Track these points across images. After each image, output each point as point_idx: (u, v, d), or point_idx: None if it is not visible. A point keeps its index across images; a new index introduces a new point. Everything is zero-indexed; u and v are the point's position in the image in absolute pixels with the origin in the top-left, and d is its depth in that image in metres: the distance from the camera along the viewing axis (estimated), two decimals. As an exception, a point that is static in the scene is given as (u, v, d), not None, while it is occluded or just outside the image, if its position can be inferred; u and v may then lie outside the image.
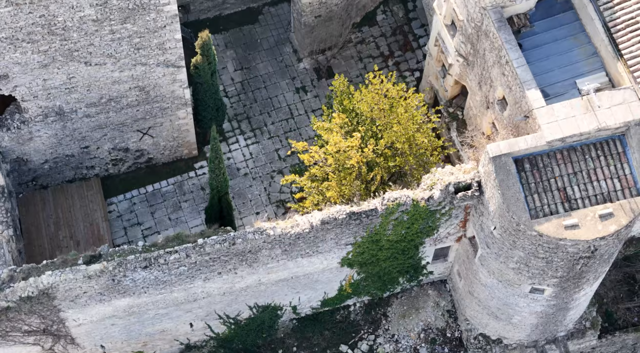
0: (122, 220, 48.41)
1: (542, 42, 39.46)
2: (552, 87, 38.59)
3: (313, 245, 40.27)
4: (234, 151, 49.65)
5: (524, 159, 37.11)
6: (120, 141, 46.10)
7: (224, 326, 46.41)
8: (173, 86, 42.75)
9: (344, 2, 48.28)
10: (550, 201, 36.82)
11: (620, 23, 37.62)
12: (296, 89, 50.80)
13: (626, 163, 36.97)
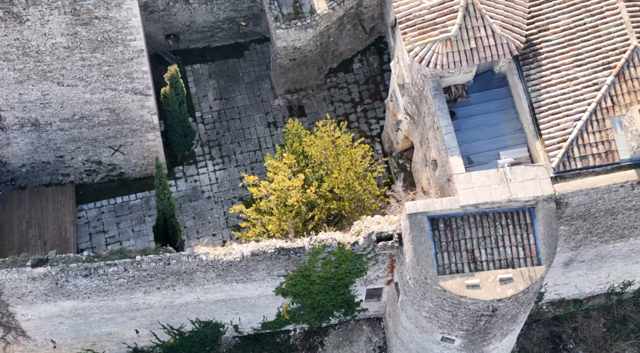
0: (89, 226, 51.86)
1: (475, 113, 42.37)
2: (477, 155, 41.48)
3: (246, 273, 43.44)
4: (202, 174, 52.97)
5: (439, 218, 40.04)
6: (93, 154, 49.57)
7: (168, 335, 49.69)
8: (142, 111, 46.14)
9: (318, 49, 51.40)
10: (457, 260, 39.74)
11: (543, 105, 40.44)
12: (268, 124, 54.03)
13: (532, 234, 39.80)
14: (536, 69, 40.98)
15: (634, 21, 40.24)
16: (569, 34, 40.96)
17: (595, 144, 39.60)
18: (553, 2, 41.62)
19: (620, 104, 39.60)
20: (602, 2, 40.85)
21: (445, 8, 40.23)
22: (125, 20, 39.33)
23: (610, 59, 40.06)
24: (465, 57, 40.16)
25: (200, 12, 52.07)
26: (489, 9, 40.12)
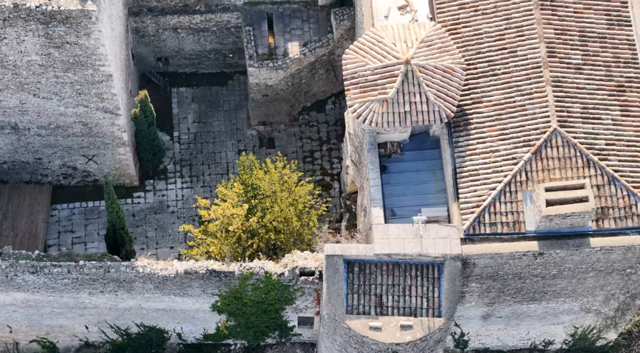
0: (59, 225, 55.61)
1: (406, 170, 45.48)
2: (401, 208, 44.61)
3: (182, 288, 46.89)
4: (170, 190, 56.58)
5: (355, 262, 43.23)
6: (69, 161, 53.29)
7: (116, 335, 53.27)
8: (112, 128, 49.79)
9: (290, 88, 54.80)
10: (366, 303, 42.92)
11: (465, 171, 43.49)
12: (238, 151, 57.50)
13: (437, 288, 42.87)
14: (465, 137, 43.98)
15: (557, 105, 43.15)
16: (499, 109, 43.92)
17: (505, 213, 42.52)
18: (489, 78, 44.54)
19: (534, 179, 42.50)
20: (533, 84, 43.77)
21: (387, 72, 43.30)
22: (94, 47, 42.94)
23: (531, 137, 42.97)
24: (399, 119, 43.23)
25: (188, 41, 55.64)
26: (426, 78, 43.15)
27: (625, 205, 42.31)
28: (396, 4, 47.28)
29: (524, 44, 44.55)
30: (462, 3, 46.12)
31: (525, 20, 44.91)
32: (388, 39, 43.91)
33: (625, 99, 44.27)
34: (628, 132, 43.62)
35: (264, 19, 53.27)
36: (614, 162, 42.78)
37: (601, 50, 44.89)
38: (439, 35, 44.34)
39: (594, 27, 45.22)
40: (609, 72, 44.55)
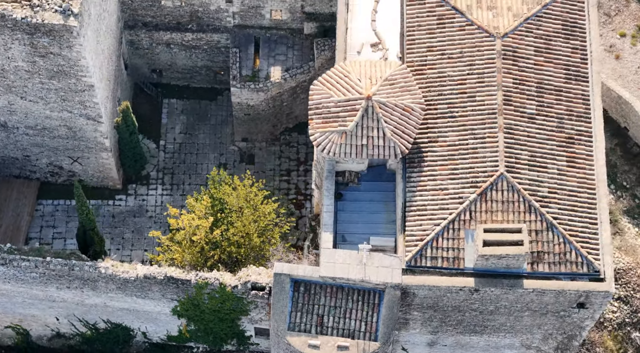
0: (42, 219, 58.19)
1: (361, 199, 47.58)
2: (351, 235, 46.71)
3: (142, 290, 49.30)
4: (150, 196, 59.05)
5: (302, 282, 45.45)
6: (55, 160, 55.85)
7: (85, 328, 55.75)
8: (95, 134, 52.29)
9: (271, 110, 57.10)
10: (307, 321, 45.10)
11: (414, 205, 45.58)
12: (219, 164, 59.89)
13: (376, 313, 45.00)
14: (417, 174, 46.06)
15: (507, 151, 45.14)
16: (452, 150, 45.96)
17: (446, 249, 44.57)
18: (447, 119, 46.59)
19: (477, 219, 44.53)
20: (487, 129, 45.78)
21: (349, 105, 45.44)
22: (76, 59, 45.44)
23: (478, 179, 45.00)
24: (356, 151, 45.36)
25: (180, 56, 58.11)
26: (385, 114, 45.26)
27: (560, 252, 44.22)
28: (369, 41, 49.28)
29: (483, 90, 46.54)
30: (430, 46, 48.18)
31: (487, 67, 46.89)
32: (354, 75, 46.03)
33: (573, 150, 46.18)
34: (571, 183, 45.51)
35: (252, 42, 55.59)
36: (554, 210, 44.68)
37: (556, 102, 46.83)
38: (403, 74, 46.41)
39: (552, 80, 47.16)
40: (560, 123, 46.47)
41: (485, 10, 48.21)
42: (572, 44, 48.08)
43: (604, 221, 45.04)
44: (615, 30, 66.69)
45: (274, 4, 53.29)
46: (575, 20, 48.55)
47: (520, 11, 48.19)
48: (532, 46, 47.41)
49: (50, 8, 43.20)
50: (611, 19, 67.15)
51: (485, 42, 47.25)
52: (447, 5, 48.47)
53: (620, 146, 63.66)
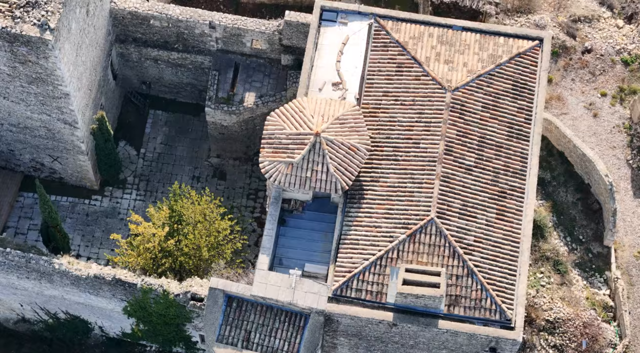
0: (21, 210, 61.28)
1: (303, 226, 50.21)
2: (288, 259, 49.36)
3: (94, 288, 52.28)
4: (124, 199, 62.01)
5: (235, 298, 48.22)
6: (37, 157, 58.99)
7: (47, 316, 58.84)
8: (72, 137, 55.34)
9: (244, 131, 59.84)
10: (235, 335, 47.78)
11: (348, 238, 48.06)
12: (192, 176, 62.79)
13: (300, 335, 47.59)
14: (355, 209, 48.66)
15: (440, 198, 47.61)
16: (391, 190, 48.49)
17: (372, 283, 47.12)
18: (391, 162, 49.11)
19: (403, 258, 47.03)
20: (425, 175, 48.28)
21: (299, 139, 48.13)
22: (52, 69, 48.52)
23: (410, 221, 47.49)
24: (300, 182, 48.05)
25: (167, 72, 61.06)
26: (331, 151, 47.89)
27: (476, 298, 46.61)
28: (332, 80, 51.93)
29: (427, 138, 49.04)
30: (386, 91, 50.77)
31: (434, 117, 49.38)
32: (308, 111, 48.74)
33: (504, 204, 48.54)
34: (497, 234, 47.88)
35: (232, 66, 58.37)
36: (477, 258, 47.09)
37: (494, 157, 49.21)
38: (355, 115, 49.03)
39: (494, 135, 49.57)
40: (496, 177, 48.86)
41: (442, 64, 50.71)
42: (519, 103, 50.41)
43: (522, 274, 47.34)
44: (597, 89, 68.58)
45: (254, 34, 56.09)
46: (525, 82, 50.89)
47: (475, 68, 50.59)
48: (480, 102, 49.81)
49: (29, 21, 46.29)
50: (595, 78, 69.09)
51: (437, 93, 49.74)
52: (408, 55, 50.99)
53: (581, 201, 65.44)
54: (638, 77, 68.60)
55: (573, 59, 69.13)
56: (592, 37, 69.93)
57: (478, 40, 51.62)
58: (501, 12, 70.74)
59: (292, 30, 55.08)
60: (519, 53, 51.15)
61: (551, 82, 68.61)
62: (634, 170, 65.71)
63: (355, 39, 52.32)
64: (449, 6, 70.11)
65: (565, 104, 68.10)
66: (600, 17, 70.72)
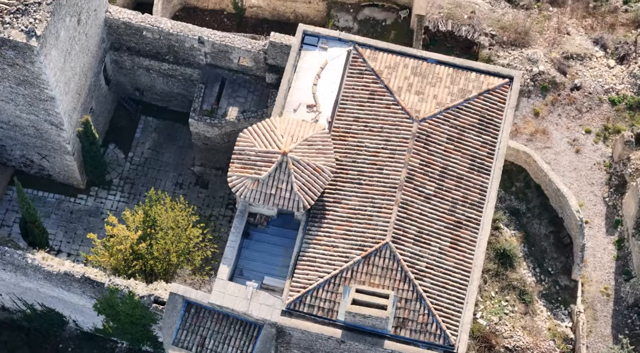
0: (9, 203, 63.39)
1: (266, 241, 51.90)
2: (249, 271, 51.04)
3: (65, 284, 54.26)
4: (108, 200, 64.00)
5: (194, 304, 50.06)
6: (27, 154, 61.10)
7: (25, 307, 60.91)
8: (59, 138, 57.41)
9: (227, 143, 61.65)
10: (191, 340, 49.53)
11: (306, 256, 49.78)
12: (175, 183, 64.72)
13: (252, 345, 49.28)
14: (316, 228, 50.36)
15: (397, 224, 49.18)
16: (351, 212, 50.15)
17: (324, 300, 48.74)
18: (354, 185, 50.70)
19: (357, 279, 48.66)
20: (385, 200, 49.86)
21: (267, 157, 49.91)
22: (38, 73, 50.62)
23: (366, 243, 49.13)
24: (264, 199, 49.82)
25: (159, 82, 63.03)
26: (297, 171, 49.65)
27: (423, 322, 48.16)
28: (307, 102, 53.68)
29: (391, 165, 50.66)
30: (357, 117, 52.45)
31: (399, 145, 50.99)
32: (279, 130, 50.53)
33: (459, 234, 50.08)
34: (449, 263, 49.42)
35: (218, 81, 60.25)
36: (427, 284, 48.63)
37: (454, 188, 50.75)
38: (323, 138, 50.77)
39: (455, 167, 51.10)
40: (453, 208, 50.38)
41: (412, 94, 52.35)
42: (483, 138, 51.93)
43: (470, 302, 48.85)
44: (582, 126, 69.80)
45: (241, 52, 57.98)
46: (491, 118, 52.41)
47: (444, 101, 52.19)
48: (446, 134, 51.38)
49: (17, 27, 48.39)
50: (581, 114, 70.31)
51: (405, 122, 51.36)
52: (381, 83, 52.68)
53: (554, 234, 66.72)
54: (623, 117, 69.58)
55: (562, 94, 70.36)
56: (582, 74, 71.15)
57: (450, 74, 53.12)
58: (496, 44, 72.07)
59: (277, 51, 56.87)
60: (488, 89, 52.60)
61: (538, 116, 70.00)
62: (609, 208, 66.81)
63: (334, 64, 53.99)
64: (445, 35, 71.65)
65: (549, 138, 69.31)
66: (593, 56, 71.89)
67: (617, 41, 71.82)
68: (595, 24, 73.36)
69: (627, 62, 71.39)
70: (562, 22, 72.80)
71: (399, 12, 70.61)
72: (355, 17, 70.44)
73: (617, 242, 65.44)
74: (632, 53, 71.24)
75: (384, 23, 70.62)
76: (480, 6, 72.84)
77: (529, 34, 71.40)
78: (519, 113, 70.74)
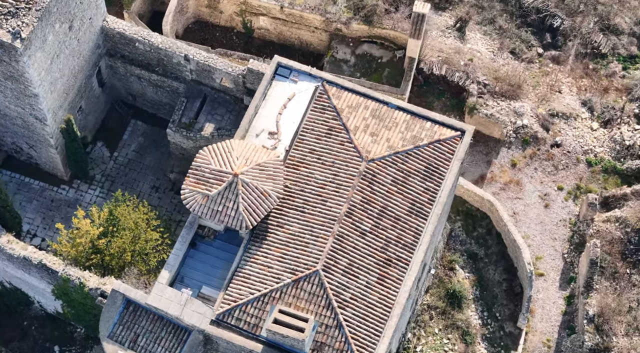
0: (-4, 184, 67.16)
1: (210, 253, 54.67)
2: (189, 279, 53.87)
3: (25, 268, 57.64)
4: (88, 194, 67.18)
5: (133, 302, 53.10)
6: (17, 141, 64.66)
7: (-3, 283, 64.36)
8: (43, 132, 60.87)
9: (202, 156, 64.79)
10: (125, 335, 52.45)
11: (242, 272, 52.40)
12: (153, 186, 67.90)
13: (180, 348, 51.89)
14: (256, 248, 53.03)
15: (329, 254, 51.61)
16: (290, 238, 52.67)
17: (251, 316, 51.43)
18: (298, 212, 53.29)
19: (284, 300, 51.36)
20: (323, 230, 52.40)
21: (219, 176, 52.69)
22: (22, 72, 54.15)
23: (298, 268, 51.69)
24: (211, 214, 52.69)
25: (149, 90, 66.30)
26: (244, 192, 52.44)
27: (338, 348, 50.54)
28: (270, 129, 56.52)
29: (334, 198, 53.17)
30: (312, 149, 55.09)
31: (346, 182, 53.54)
32: (236, 152, 53.40)
33: (387, 271, 52.48)
34: (373, 297, 51.82)
35: (200, 97, 63.34)
36: (348, 314, 51.09)
37: (390, 228, 53.13)
38: (275, 165, 53.52)
39: (395, 208, 53.49)
40: (386, 246, 52.79)
41: (367, 135, 54.91)
42: (426, 184, 54.25)
43: (386, 336, 51.16)
44: (555, 182, 71.58)
45: (222, 73, 61.09)
46: (438, 167, 54.77)
47: (395, 145, 54.69)
48: (391, 176, 53.84)
49: (5, 27, 51.93)
50: (557, 171, 72.10)
51: (354, 160, 53.92)
52: (340, 121, 55.31)
53: (507, 281, 68.74)
54: (597, 179, 71.06)
55: (541, 149, 72.13)
56: (564, 133, 72.89)
57: (407, 120, 55.59)
58: (488, 93, 74.17)
59: (254, 77, 59.84)
60: (439, 139, 54.98)
61: (515, 167, 72.01)
62: (567, 264, 68.58)
63: (300, 97, 56.74)
64: (438, 78, 74.06)
65: (522, 189, 71.22)
66: (579, 116, 73.58)
67: (605, 105, 73.32)
68: (590, 86, 74.94)
69: (610, 127, 72.86)
70: (557, 80, 74.53)
71: (395, 52, 73.09)
72: (353, 51, 73.15)
73: (568, 297, 66.99)
74: (617, 118, 72.70)
75: (380, 60, 73.15)
76: (482, 54, 74.92)
77: (522, 87, 73.26)
78: (496, 161, 72.86)
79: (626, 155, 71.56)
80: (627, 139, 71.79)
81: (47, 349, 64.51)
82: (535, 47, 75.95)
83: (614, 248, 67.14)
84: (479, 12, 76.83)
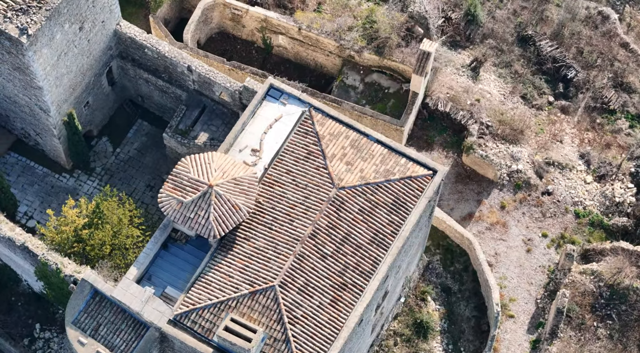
0: (4, 166, 70.01)
1: (180, 256, 56.76)
2: (157, 278, 55.89)
3: (10, 248, 60.55)
4: (86, 184, 69.92)
5: (100, 293, 55.68)
6: (25, 127, 67.84)
7: (-13, 257, 67.33)
8: (47, 122, 63.93)
9: (196, 163, 67.32)
10: (88, 324, 54.77)
11: (205, 278, 54.79)
12: (148, 185, 70.51)
13: (137, 341, 54.54)
14: (221, 257, 55.01)
15: (288, 272, 53.49)
16: (254, 251, 54.37)
17: (206, 320, 53.68)
18: (265, 228, 55.43)
19: (239, 310, 53.26)
20: (285, 248, 54.21)
21: (195, 185, 55.05)
22: (28, 65, 57.21)
23: (257, 281, 53.73)
24: (183, 220, 55.00)
25: (155, 94, 69.03)
26: (217, 203, 54.69)
27: (283, 361, 52.77)
28: (253, 146, 58.82)
29: (301, 220, 55.12)
30: (289, 170, 57.20)
31: (314, 206, 55.56)
32: (215, 165, 55.77)
33: (341, 295, 54.36)
34: (324, 318, 53.64)
35: (199, 107, 66.00)
36: (298, 331, 52.95)
37: (350, 254, 55.02)
38: (250, 181, 55.84)
39: (358, 236, 55.38)
40: (343, 271, 54.70)
41: (343, 163, 56.94)
42: (391, 218, 56.09)
43: (330, 356, 53.28)
44: (541, 229, 72.94)
45: (221, 87, 63.69)
46: (405, 202, 56.62)
47: (368, 176, 56.65)
48: (358, 205, 55.83)
49: (15, 23, 55.04)
50: (544, 218, 73.49)
51: (326, 186, 55.97)
52: (319, 147, 57.48)
53: (476, 318, 70.28)
54: (582, 231, 72.25)
55: (532, 195, 73.50)
56: (557, 182, 74.12)
57: (383, 154, 57.54)
58: (489, 134, 75.77)
59: (249, 95, 62.27)
60: (410, 176, 56.85)
61: (503, 209, 73.52)
62: (538, 309, 69.90)
63: (287, 119, 58.97)
64: (442, 114, 75.93)
65: (507, 231, 72.70)
66: (574, 168, 74.72)
67: (602, 160, 74.31)
68: (593, 139, 76.09)
69: (604, 182, 73.90)
70: (562, 130, 75.76)
71: (402, 84, 75.10)
72: (363, 79, 75.32)
73: (534, 341, 68.28)
74: (612, 174, 73.67)
75: (387, 90, 75.25)
76: (492, 95, 76.42)
77: (524, 132, 74.62)
78: (486, 201, 74.43)
79: (614, 212, 72.51)
80: (617, 195, 72.68)
81: (29, 325, 67.27)
82: (547, 95, 77.21)
83: (585, 300, 68.25)
84: (498, 54, 78.34)
